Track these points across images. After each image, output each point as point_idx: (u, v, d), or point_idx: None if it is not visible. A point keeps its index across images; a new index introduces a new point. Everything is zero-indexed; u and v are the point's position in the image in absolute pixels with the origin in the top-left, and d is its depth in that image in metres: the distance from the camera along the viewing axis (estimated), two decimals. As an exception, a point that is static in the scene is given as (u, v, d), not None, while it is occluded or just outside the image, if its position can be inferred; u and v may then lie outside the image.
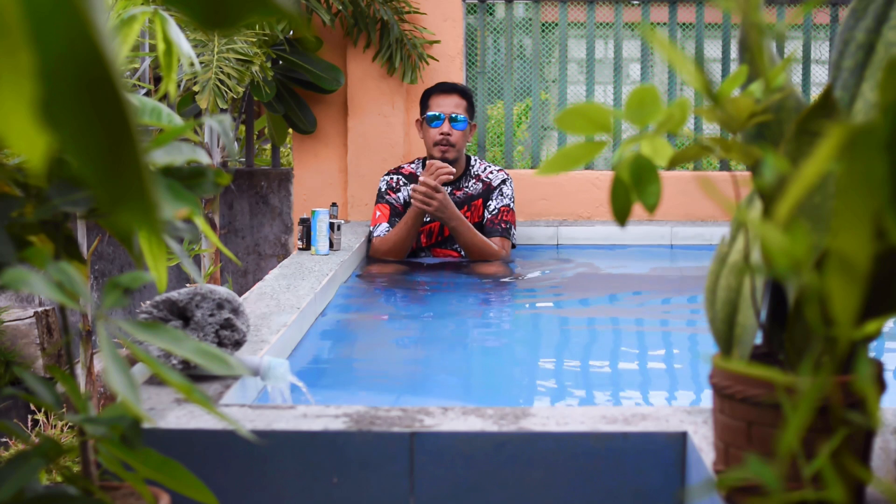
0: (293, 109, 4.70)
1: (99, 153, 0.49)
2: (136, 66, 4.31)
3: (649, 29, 1.04)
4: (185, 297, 1.86)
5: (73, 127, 0.48)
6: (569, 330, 3.21)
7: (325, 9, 4.56)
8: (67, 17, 0.47)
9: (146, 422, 1.06)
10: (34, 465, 1.04)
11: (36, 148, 0.47)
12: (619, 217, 1.06)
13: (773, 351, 1.28)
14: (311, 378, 2.29)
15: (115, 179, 0.49)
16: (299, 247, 3.71)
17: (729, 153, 1.11)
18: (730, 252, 1.30)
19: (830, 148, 0.73)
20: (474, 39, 5.16)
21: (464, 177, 4.09)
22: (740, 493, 1.21)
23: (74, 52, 0.47)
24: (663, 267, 4.31)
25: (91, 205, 1.09)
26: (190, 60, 1.53)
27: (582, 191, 4.86)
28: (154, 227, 0.51)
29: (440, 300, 3.61)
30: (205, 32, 0.57)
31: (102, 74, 0.48)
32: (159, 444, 1.32)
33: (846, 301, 0.80)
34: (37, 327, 4.13)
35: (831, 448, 0.92)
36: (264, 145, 6.28)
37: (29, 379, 1.12)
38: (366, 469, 1.55)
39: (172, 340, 1.07)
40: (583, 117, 1.05)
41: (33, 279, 0.97)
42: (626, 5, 5.07)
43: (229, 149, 4.43)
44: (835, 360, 0.93)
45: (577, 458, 1.54)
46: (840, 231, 0.77)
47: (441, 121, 3.99)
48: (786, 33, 4.40)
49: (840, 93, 1.24)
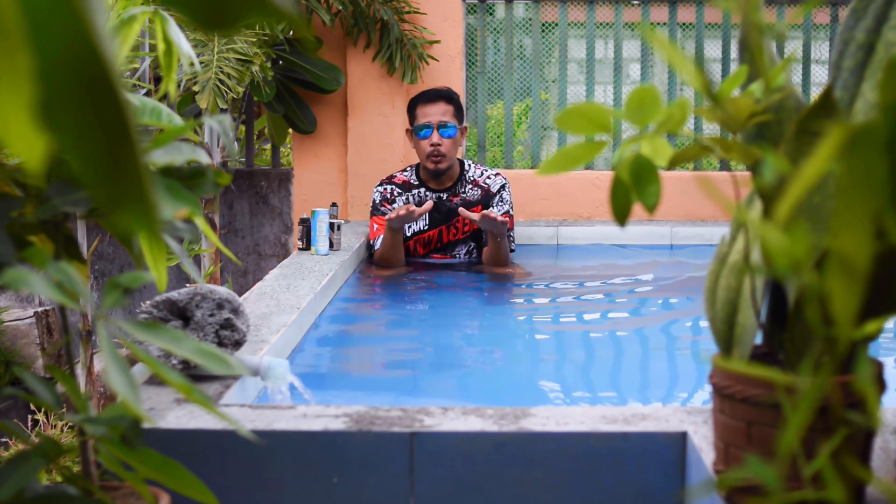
0: (293, 109, 4.70)
1: (98, 154, 0.48)
2: (136, 66, 4.31)
3: (649, 29, 1.04)
4: (185, 297, 1.86)
5: (72, 128, 0.48)
6: (569, 330, 3.21)
7: (325, 9, 4.56)
8: (66, 18, 0.47)
9: (146, 422, 1.06)
10: (34, 465, 1.04)
11: (35, 149, 0.47)
12: (619, 217, 1.06)
13: (773, 351, 1.28)
14: (311, 378, 2.29)
15: (115, 180, 0.49)
16: (299, 247, 3.71)
17: (729, 153, 1.11)
18: (730, 252, 1.30)
19: (830, 148, 0.73)
20: (474, 39, 5.16)
21: (459, 182, 4.03)
22: (740, 493, 1.21)
23: (73, 53, 0.47)
24: (663, 267, 4.31)
25: (91, 205, 1.09)
26: (190, 60, 1.53)
27: (582, 191, 4.85)
28: (153, 228, 0.51)
29: (440, 300, 3.61)
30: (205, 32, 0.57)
31: (101, 75, 0.48)
32: (159, 444, 1.32)
33: (846, 301, 0.80)
34: (37, 327, 4.13)
35: (831, 448, 0.92)
36: (264, 145, 6.28)
37: (29, 379, 1.12)
38: (366, 469, 1.55)
39: (172, 340, 1.07)
40: (583, 117, 1.05)
41: (33, 279, 0.97)
42: (626, 5, 5.07)
43: (229, 149, 4.42)
44: (835, 360, 0.93)
45: (577, 459, 1.54)
46: (840, 231, 0.77)
47: (429, 130, 3.93)
48: (786, 33, 4.40)
49: (840, 93, 1.24)
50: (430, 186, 4.02)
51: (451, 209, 4.00)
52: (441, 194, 4.01)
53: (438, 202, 4.00)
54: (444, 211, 4.01)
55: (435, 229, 4.00)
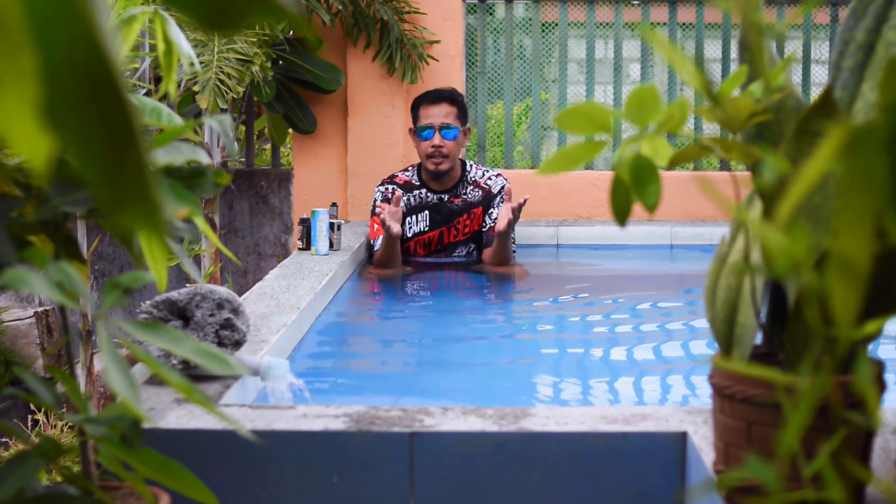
0: (293, 109, 4.70)
1: (102, 155, 0.49)
2: (137, 66, 4.31)
3: (649, 29, 1.04)
4: (185, 297, 1.86)
5: (77, 129, 0.48)
6: (568, 330, 3.21)
7: (325, 9, 4.56)
8: (70, 19, 0.47)
9: (146, 422, 1.07)
10: (34, 465, 1.04)
11: (39, 150, 0.47)
12: (619, 217, 1.06)
13: (773, 351, 1.28)
14: (311, 378, 2.29)
15: (119, 181, 0.49)
16: (299, 247, 3.71)
17: (729, 153, 1.11)
18: (730, 252, 1.31)
19: (831, 148, 0.73)
20: (474, 39, 5.16)
21: (461, 184, 4.01)
22: (740, 493, 1.21)
23: (77, 54, 0.47)
24: (663, 267, 4.31)
25: (91, 205, 1.09)
26: (190, 60, 1.53)
27: (582, 191, 4.86)
28: (158, 229, 0.51)
29: (440, 300, 3.61)
30: (205, 32, 0.57)
31: (105, 76, 0.48)
32: (159, 444, 1.32)
33: (847, 301, 0.80)
34: (37, 327, 4.13)
35: (831, 448, 0.92)
36: (264, 145, 6.28)
37: (29, 379, 1.12)
38: (366, 469, 1.55)
39: (172, 340, 1.07)
40: (583, 117, 1.05)
41: (33, 279, 0.97)
42: (626, 5, 5.07)
43: (229, 149, 4.43)
44: (835, 361, 0.94)
45: (577, 459, 1.54)
46: (841, 231, 0.77)
47: (432, 132, 3.91)
48: (786, 33, 4.41)
49: (840, 93, 1.25)
50: (431, 187, 4.02)
51: (452, 210, 4.00)
52: (442, 195, 4.01)
53: (439, 203, 4.00)
54: (444, 213, 4.01)
55: (435, 231, 4.00)
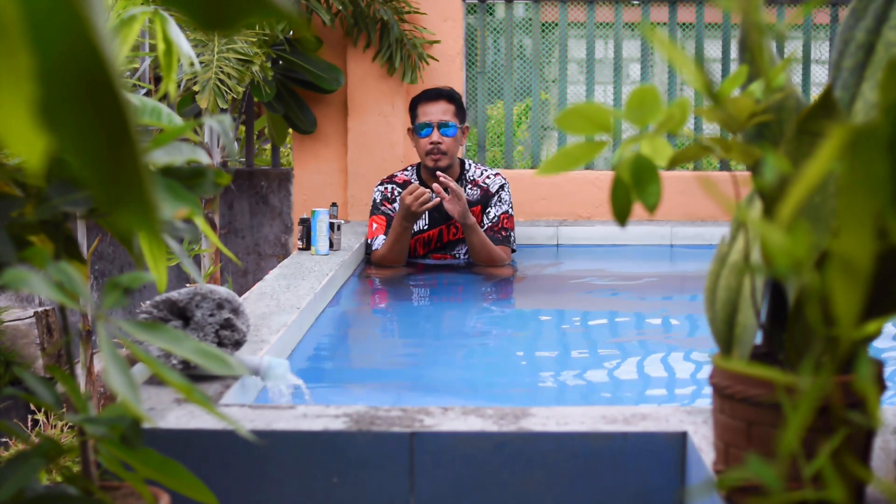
0: (293, 109, 4.70)
1: (98, 155, 0.48)
2: (136, 66, 4.31)
3: (650, 29, 1.04)
4: (185, 297, 1.86)
5: (73, 128, 0.48)
6: (569, 330, 3.21)
7: (325, 9, 4.56)
8: (66, 18, 0.47)
9: (146, 422, 1.06)
10: (34, 465, 1.04)
11: (35, 150, 0.47)
12: (619, 217, 1.06)
13: (773, 351, 1.28)
14: (311, 378, 2.28)
15: (115, 181, 0.49)
16: (299, 247, 3.71)
17: (729, 153, 1.11)
18: (730, 252, 1.30)
19: (832, 148, 0.73)
20: (474, 39, 5.16)
21: (459, 182, 4.01)
22: (740, 493, 1.21)
23: (74, 54, 0.47)
24: (663, 267, 4.31)
25: (91, 205, 1.09)
26: (190, 60, 1.53)
27: (582, 191, 4.85)
28: (154, 229, 0.51)
29: (440, 300, 3.61)
30: (205, 32, 0.57)
31: (102, 76, 0.48)
32: (159, 444, 1.32)
33: (848, 301, 0.80)
34: (37, 327, 4.13)
35: (831, 448, 0.92)
36: (264, 145, 6.28)
37: (29, 379, 1.12)
38: (366, 469, 1.55)
39: (172, 340, 1.07)
40: (583, 117, 1.05)
41: (33, 279, 0.97)
42: (626, 5, 5.07)
43: (229, 149, 4.42)
44: (835, 360, 0.93)
45: (577, 458, 1.54)
46: (842, 231, 0.77)
47: (430, 129, 3.92)
48: (786, 33, 4.40)
49: (840, 93, 1.24)
50: (430, 186, 4.02)
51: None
52: None
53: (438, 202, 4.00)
54: (443, 211, 4.01)
55: (435, 229, 4.00)
